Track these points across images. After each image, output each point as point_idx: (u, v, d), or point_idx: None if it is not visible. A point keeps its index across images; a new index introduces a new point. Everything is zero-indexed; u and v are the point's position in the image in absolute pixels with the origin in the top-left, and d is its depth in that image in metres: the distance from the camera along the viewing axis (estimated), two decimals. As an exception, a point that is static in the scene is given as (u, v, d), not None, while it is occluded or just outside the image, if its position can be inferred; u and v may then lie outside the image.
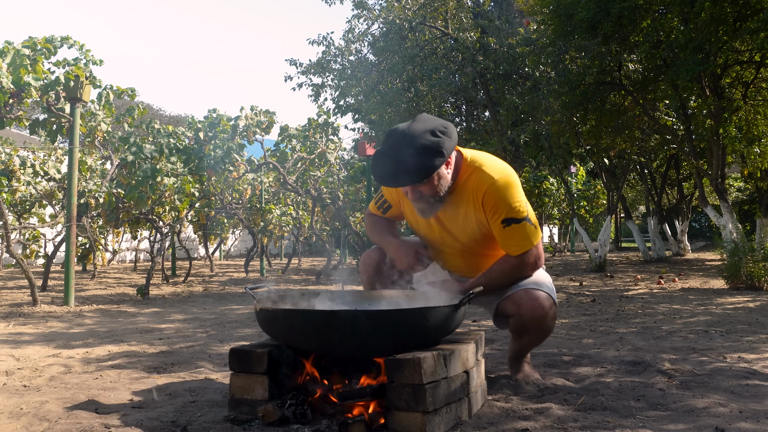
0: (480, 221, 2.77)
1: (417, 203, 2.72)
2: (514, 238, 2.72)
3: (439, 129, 2.58)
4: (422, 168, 2.53)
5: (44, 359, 3.82)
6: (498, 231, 2.73)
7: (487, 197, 2.69)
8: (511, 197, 2.69)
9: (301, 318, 2.33)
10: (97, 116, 8.33)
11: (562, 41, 9.15)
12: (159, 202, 9.08)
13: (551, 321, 2.84)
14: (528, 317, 2.78)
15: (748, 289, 7.75)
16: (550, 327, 2.86)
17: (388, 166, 2.58)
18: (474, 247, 2.88)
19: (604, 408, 2.56)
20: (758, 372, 3.22)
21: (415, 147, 2.52)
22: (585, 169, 19.02)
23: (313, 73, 12.29)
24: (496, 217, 2.71)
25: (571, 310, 6.33)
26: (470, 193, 2.73)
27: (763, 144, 9.92)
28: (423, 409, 2.17)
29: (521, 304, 2.78)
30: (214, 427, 2.33)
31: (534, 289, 2.80)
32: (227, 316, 6.04)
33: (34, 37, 6.41)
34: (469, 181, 2.73)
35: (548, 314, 2.80)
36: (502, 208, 2.69)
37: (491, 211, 2.71)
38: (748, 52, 9.06)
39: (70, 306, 6.67)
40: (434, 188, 2.65)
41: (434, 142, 2.54)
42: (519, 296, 2.80)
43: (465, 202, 2.75)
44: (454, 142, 2.61)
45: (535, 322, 2.80)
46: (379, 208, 3.10)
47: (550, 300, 2.82)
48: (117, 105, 8.99)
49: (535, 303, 2.77)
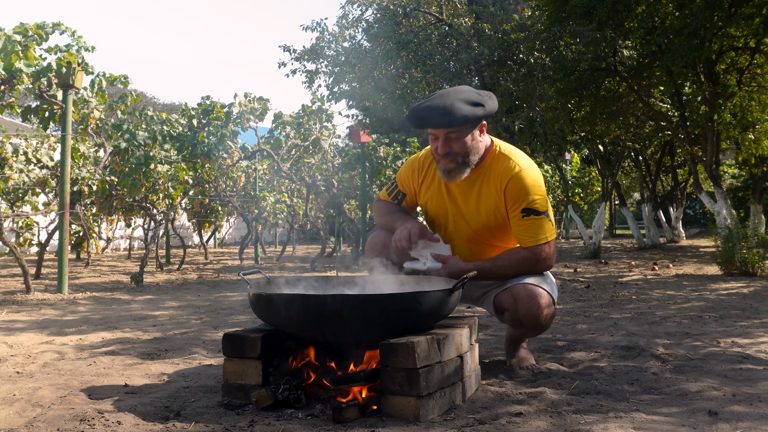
0: (498, 208, 2.78)
1: (444, 161, 2.73)
2: (530, 229, 2.73)
3: (483, 92, 2.74)
4: (462, 112, 2.61)
5: (37, 346, 3.80)
6: (516, 220, 2.74)
7: (511, 184, 2.72)
8: (535, 189, 2.72)
9: (295, 302, 2.32)
10: (90, 103, 8.27)
11: (557, 27, 9.14)
12: (153, 189, 9.05)
13: (548, 320, 2.79)
14: (524, 314, 2.74)
15: (741, 275, 7.77)
16: (546, 325, 2.82)
17: (428, 110, 2.66)
18: (485, 235, 2.88)
19: (597, 392, 2.57)
20: (751, 356, 3.23)
21: (458, 97, 2.65)
22: (580, 155, 19.03)
23: (306, 60, 12.26)
24: (516, 206, 2.72)
25: (566, 296, 6.34)
26: (495, 177, 2.76)
27: (757, 130, 9.94)
28: (417, 393, 2.17)
29: (518, 300, 2.74)
30: (208, 412, 2.32)
31: (533, 285, 2.75)
32: (221, 303, 6.04)
33: (26, 23, 6.34)
34: (495, 166, 2.77)
35: (544, 314, 2.74)
36: (524, 197, 2.71)
37: (512, 199, 2.73)
38: (743, 38, 9.05)
39: (63, 293, 6.65)
40: (465, 147, 2.69)
41: (477, 97, 2.68)
42: (517, 291, 2.75)
43: (487, 185, 2.78)
44: (494, 106, 2.74)
45: (530, 321, 2.76)
46: (393, 198, 3.08)
47: (549, 299, 2.76)
48: (110, 92, 8.94)
49: (532, 301, 2.72)
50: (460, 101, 2.63)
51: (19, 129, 15.52)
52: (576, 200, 19.56)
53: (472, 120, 2.64)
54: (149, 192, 9.10)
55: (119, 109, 8.93)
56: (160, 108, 34.93)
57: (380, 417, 2.22)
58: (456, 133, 2.66)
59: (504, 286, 2.83)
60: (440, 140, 2.70)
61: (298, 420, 2.21)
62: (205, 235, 16.11)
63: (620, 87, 10.24)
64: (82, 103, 8.21)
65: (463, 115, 2.61)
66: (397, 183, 3.07)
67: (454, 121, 2.62)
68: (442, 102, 2.63)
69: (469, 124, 2.66)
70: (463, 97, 2.65)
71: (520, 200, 2.71)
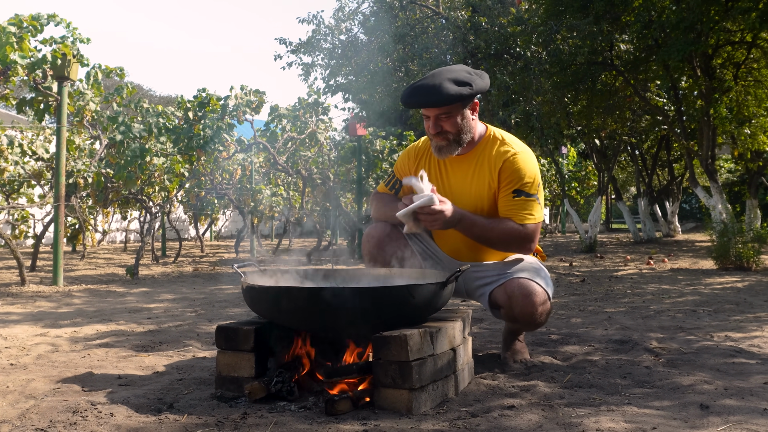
0: (492, 190, 2.78)
1: (437, 140, 2.75)
2: (518, 207, 2.72)
3: (475, 71, 2.77)
4: (451, 91, 2.63)
5: (32, 338, 3.80)
6: (506, 200, 2.74)
7: (505, 165, 2.74)
8: (528, 172, 2.75)
9: (287, 295, 2.32)
10: (86, 95, 8.24)
11: (554, 21, 9.12)
12: (148, 182, 9.03)
13: (544, 317, 2.77)
14: (519, 312, 2.72)
15: (736, 269, 7.80)
16: (542, 322, 2.80)
17: (417, 90, 2.70)
18: None
19: (590, 385, 2.57)
20: (744, 350, 3.24)
21: (448, 77, 2.68)
22: (576, 149, 19.03)
23: (303, 52, 12.23)
24: (508, 187, 2.73)
25: (561, 290, 6.35)
26: (489, 159, 2.78)
27: (753, 125, 9.95)
28: (409, 386, 2.17)
29: (512, 298, 2.72)
30: (201, 404, 2.32)
31: (528, 281, 2.73)
32: (216, 296, 6.04)
33: (20, 15, 6.32)
34: (490, 149, 2.80)
35: (539, 311, 2.72)
36: (516, 179, 2.73)
37: (506, 180, 2.74)
38: (740, 33, 9.05)
39: (58, 286, 6.64)
40: (456, 126, 2.72)
41: (466, 76, 2.70)
42: (511, 289, 2.73)
43: (481, 168, 2.79)
44: (485, 84, 2.77)
45: (526, 318, 2.74)
46: (391, 189, 3.07)
47: (544, 296, 2.73)
48: (106, 84, 8.90)
49: (527, 300, 2.69)
50: (449, 81, 2.65)
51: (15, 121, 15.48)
52: (572, 194, 19.57)
53: (458, 99, 2.66)
54: (145, 184, 9.08)
55: (115, 102, 8.90)
56: (157, 100, 34.86)
57: (373, 410, 2.22)
58: (446, 113, 2.70)
59: (498, 282, 2.81)
60: (431, 119, 2.74)
61: (291, 412, 2.21)
62: (201, 227, 16.10)
63: (617, 81, 10.24)
64: (77, 95, 8.18)
65: (450, 94, 2.63)
66: (394, 172, 3.09)
67: (439, 100, 2.65)
68: (431, 82, 2.67)
69: (458, 104, 2.69)
70: (452, 76, 2.67)
71: (513, 182, 2.72)
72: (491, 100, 10.83)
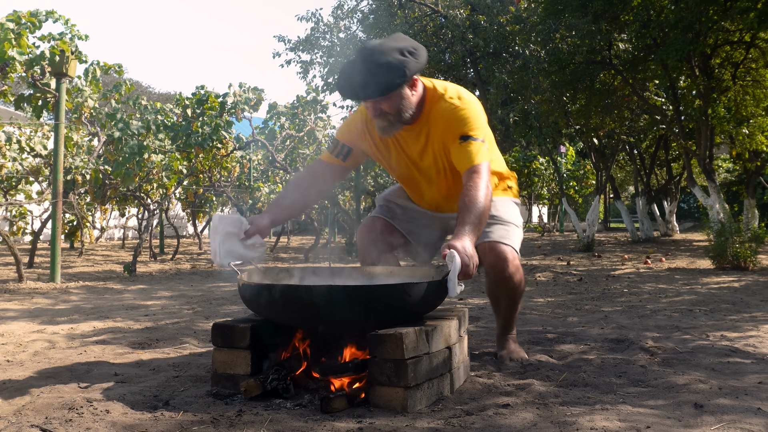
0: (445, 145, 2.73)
1: (378, 120, 2.68)
2: (470, 151, 2.63)
3: (408, 49, 2.58)
4: (382, 83, 2.53)
5: (28, 335, 3.81)
6: (455, 148, 2.66)
7: (451, 118, 2.67)
8: (472, 118, 2.68)
9: (283, 293, 2.32)
10: (84, 92, 8.24)
11: (553, 20, 9.13)
12: (146, 179, 9.03)
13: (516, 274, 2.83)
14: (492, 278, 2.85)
15: (733, 269, 7.81)
16: (516, 283, 2.85)
17: (351, 78, 2.57)
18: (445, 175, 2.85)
19: (585, 384, 2.58)
20: (739, 350, 3.24)
21: (380, 63, 2.52)
22: (575, 149, 19.04)
23: (301, 50, 12.22)
24: (455, 135, 2.66)
25: (558, 288, 6.35)
26: (437, 119, 2.70)
27: (751, 125, 9.95)
28: (404, 384, 2.17)
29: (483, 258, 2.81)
30: (197, 401, 2.33)
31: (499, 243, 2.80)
32: (214, 293, 6.04)
33: (19, 11, 6.32)
34: (436, 110, 2.71)
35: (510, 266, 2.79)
36: (460, 126, 2.65)
37: (453, 130, 2.67)
38: (738, 32, 9.06)
39: (56, 282, 6.65)
40: (395, 107, 2.63)
41: (400, 61, 2.53)
42: (482, 250, 2.81)
43: (431, 131, 2.73)
44: (420, 64, 2.61)
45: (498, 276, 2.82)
46: (338, 156, 2.93)
47: (513, 253, 2.82)
48: (104, 81, 8.91)
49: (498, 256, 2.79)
50: (381, 69, 2.52)
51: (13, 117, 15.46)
52: (570, 193, 19.57)
53: (394, 89, 2.57)
54: (143, 181, 9.09)
55: (113, 98, 8.91)
56: (156, 97, 34.83)
57: (368, 407, 2.23)
58: (384, 98, 2.61)
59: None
60: (369, 104, 2.65)
61: (286, 410, 2.22)
62: (199, 225, 16.10)
63: (615, 80, 10.25)
64: (75, 91, 8.18)
65: (384, 87, 2.54)
66: (339, 137, 2.96)
67: (373, 94, 2.57)
68: (363, 74, 2.53)
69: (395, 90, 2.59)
70: (384, 60, 2.52)
71: (459, 130, 2.66)
72: (490, 98, 10.82)
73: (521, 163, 17.25)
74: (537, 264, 9.29)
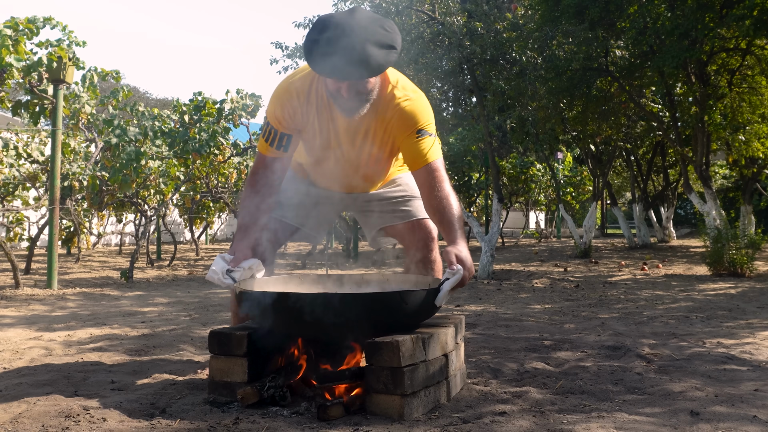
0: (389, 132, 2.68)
1: (349, 100, 2.50)
2: (425, 147, 2.63)
3: (387, 24, 2.44)
4: (380, 62, 2.38)
5: (25, 342, 3.80)
6: (411, 142, 2.63)
7: (404, 110, 2.62)
8: (426, 114, 2.67)
9: (280, 300, 2.32)
10: (81, 98, 8.25)
11: (549, 27, 9.14)
12: (144, 185, 9.03)
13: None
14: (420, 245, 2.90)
15: (730, 275, 7.82)
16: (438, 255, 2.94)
17: (340, 58, 2.33)
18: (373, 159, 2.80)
19: (581, 391, 2.58)
20: (736, 357, 3.25)
21: (372, 41, 2.35)
22: (572, 155, 19.04)
23: (299, 57, 12.22)
24: (410, 130, 2.63)
25: (555, 295, 6.36)
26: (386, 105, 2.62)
27: (747, 131, 9.98)
28: (401, 392, 2.18)
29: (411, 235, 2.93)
30: (194, 409, 2.33)
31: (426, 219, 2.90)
32: (211, 300, 6.04)
33: (16, 17, 6.32)
34: (386, 94, 2.62)
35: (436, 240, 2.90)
36: (415, 121, 2.63)
37: (406, 123, 2.63)
38: (734, 39, 9.08)
39: (52, 289, 6.64)
40: (371, 86, 2.52)
41: (387, 37, 2.40)
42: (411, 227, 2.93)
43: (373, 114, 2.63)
44: (400, 37, 2.50)
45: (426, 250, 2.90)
46: (278, 147, 2.69)
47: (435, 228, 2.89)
48: (101, 87, 8.91)
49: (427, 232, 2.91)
50: (373, 46, 2.35)
51: (10, 123, 15.44)
52: (567, 199, 19.55)
53: (386, 68, 2.45)
54: (140, 188, 9.09)
55: (111, 104, 8.91)
56: (153, 103, 34.81)
57: (365, 415, 2.23)
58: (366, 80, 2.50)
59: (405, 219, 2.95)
60: (344, 84, 2.46)
61: (283, 418, 2.22)
62: (196, 231, 16.08)
63: (612, 87, 10.26)
64: (73, 98, 8.18)
65: (379, 64, 2.38)
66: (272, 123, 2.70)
67: (371, 73, 2.41)
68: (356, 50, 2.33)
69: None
70: (375, 39, 2.36)
71: (414, 124, 2.63)
72: (487, 105, 10.83)
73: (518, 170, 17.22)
74: (534, 270, 9.29)
